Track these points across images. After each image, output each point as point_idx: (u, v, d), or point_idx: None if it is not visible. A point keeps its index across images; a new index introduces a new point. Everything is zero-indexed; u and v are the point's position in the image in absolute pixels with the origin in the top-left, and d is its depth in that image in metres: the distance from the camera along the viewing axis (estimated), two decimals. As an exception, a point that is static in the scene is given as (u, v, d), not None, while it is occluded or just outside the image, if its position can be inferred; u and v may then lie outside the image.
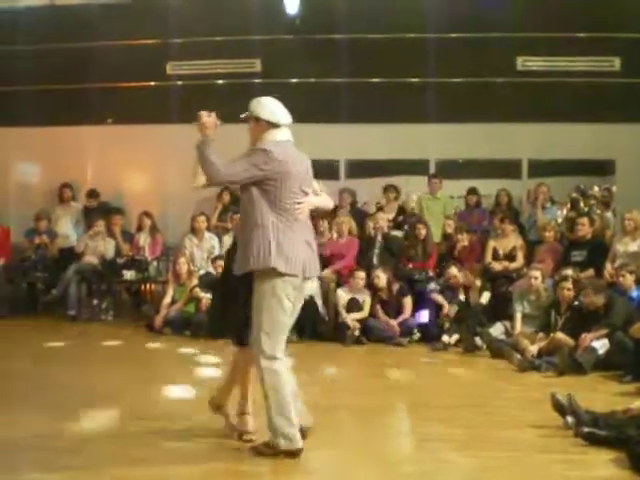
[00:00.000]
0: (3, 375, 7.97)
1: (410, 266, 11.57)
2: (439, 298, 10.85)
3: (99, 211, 13.40)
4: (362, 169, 13.43)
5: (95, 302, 12.57)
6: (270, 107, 5.90)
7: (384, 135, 13.23)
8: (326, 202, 6.11)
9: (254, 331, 5.29)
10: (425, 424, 6.39)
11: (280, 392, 5.27)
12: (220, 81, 13.86)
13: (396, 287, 10.90)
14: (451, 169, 13.31)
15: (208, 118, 5.85)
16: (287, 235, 5.34)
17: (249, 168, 5.49)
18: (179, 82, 13.95)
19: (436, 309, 10.83)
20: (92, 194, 13.69)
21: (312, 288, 10.92)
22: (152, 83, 13.98)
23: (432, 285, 11.13)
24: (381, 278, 10.84)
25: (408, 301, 10.80)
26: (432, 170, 13.33)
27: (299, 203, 5.45)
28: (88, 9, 14.01)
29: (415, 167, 13.33)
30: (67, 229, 13.58)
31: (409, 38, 13.14)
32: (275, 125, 5.82)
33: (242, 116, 5.98)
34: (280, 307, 5.28)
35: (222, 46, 13.67)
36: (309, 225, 5.61)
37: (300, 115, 13.07)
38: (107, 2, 13.95)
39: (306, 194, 5.57)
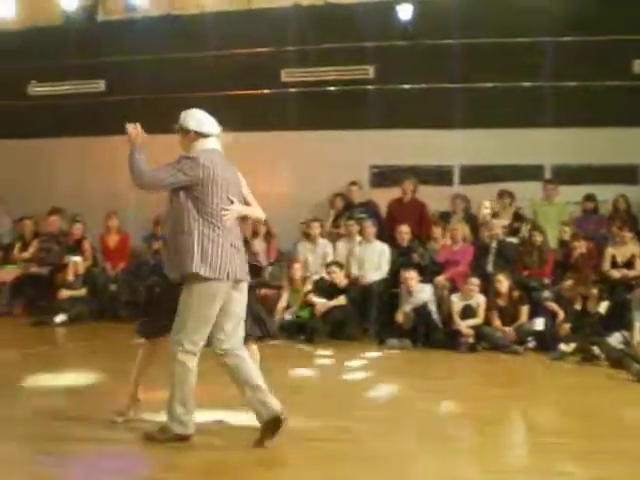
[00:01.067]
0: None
1: (526, 273, 11.44)
2: (554, 306, 10.71)
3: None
4: (476, 175, 13.29)
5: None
6: (198, 118, 6.19)
7: (498, 140, 13.08)
8: (256, 213, 6.27)
9: (177, 327, 5.57)
10: (540, 434, 6.30)
11: (187, 385, 5.59)
12: (333, 88, 13.93)
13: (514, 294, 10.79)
14: (566, 174, 13.07)
15: (133, 130, 5.98)
16: (213, 241, 5.58)
17: (175, 173, 5.67)
18: (293, 89, 14.08)
19: (551, 317, 10.71)
20: (207, 200, 13.91)
21: (426, 295, 10.95)
22: (266, 91, 14.13)
23: (546, 293, 10.99)
24: (503, 283, 10.72)
25: (525, 309, 10.64)
26: (547, 175, 13.13)
27: (225, 210, 5.66)
28: (203, 18, 14.26)
29: (529, 172, 13.13)
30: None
31: (522, 42, 12.96)
32: (203, 135, 6.02)
33: (174, 128, 6.19)
34: (202, 308, 5.56)
35: (335, 53, 13.75)
36: (236, 230, 5.81)
37: (413, 121, 13.26)
38: (222, 10, 14.18)
39: (232, 202, 5.74)
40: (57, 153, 15.05)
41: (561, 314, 10.53)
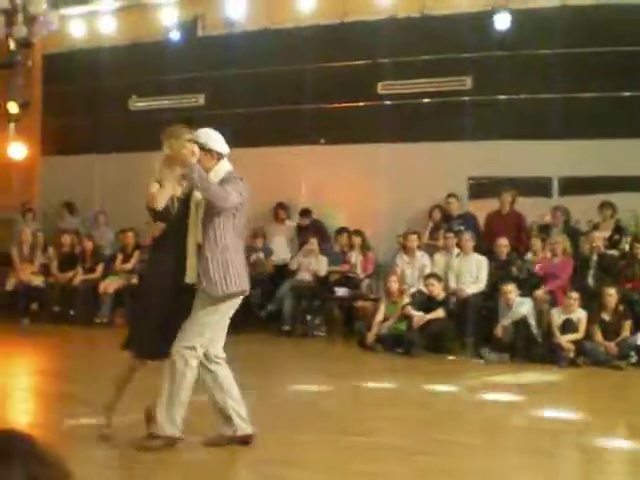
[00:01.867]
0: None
1: (628, 286, 11.24)
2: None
3: (312, 229, 13.76)
4: (575, 186, 13.10)
5: (309, 318, 12.88)
6: (217, 139, 6.22)
7: (598, 151, 12.88)
8: None
9: (193, 334, 5.81)
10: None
11: (190, 389, 5.88)
12: (430, 99, 13.91)
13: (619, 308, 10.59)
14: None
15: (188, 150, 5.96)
16: (240, 258, 6.05)
17: (237, 195, 5.87)
18: (389, 102, 14.11)
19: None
20: (305, 213, 14.06)
21: (525, 308, 10.83)
22: (363, 103, 14.18)
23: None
24: (613, 297, 10.50)
25: (629, 323, 10.41)
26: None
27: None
28: (300, 32, 14.38)
29: (631, 184, 12.88)
30: (281, 246, 14.05)
31: (623, 51, 12.74)
32: (222, 156, 6.12)
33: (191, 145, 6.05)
34: (223, 319, 5.96)
35: (432, 64, 13.72)
36: None
37: (511, 132, 13.16)
38: (318, 24, 14.28)
39: None
40: (156, 166, 15.30)
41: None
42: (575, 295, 10.64)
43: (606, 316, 10.48)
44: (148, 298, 6.09)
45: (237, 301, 6.03)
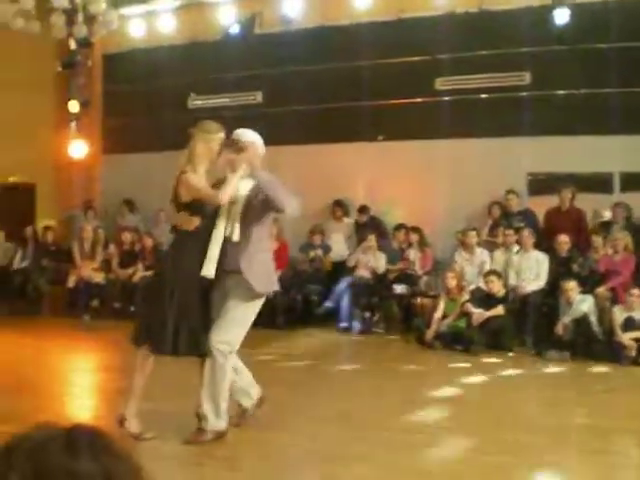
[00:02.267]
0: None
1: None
2: None
3: (370, 226, 13.75)
4: (637, 182, 12.91)
5: (367, 315, 12.87)
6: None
7: (660, 146, 12.71)
8: None
9: (227, 330, 5.91)
10: None
11: (228, 383, 6.03)
12: (488, 95, 13.81)
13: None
14: None
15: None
16: (271, 257, 6.34)
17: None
18: (447, 97, 14.03)
19: None
20: (363, 210, 14.05)
21: (586, 306, 10.70)
22: (421, 99, 14.13)
23: None
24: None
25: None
26: None
27: None
28: (357, 29, 14.39)
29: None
30: (340, 243, 14.06)
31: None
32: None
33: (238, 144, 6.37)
34: (253, 316, 6.07)
35: (490, 60, 13.62)
36: None
37: (571, 127, 12.99)
38: (375, 20, 14.26)
39: None
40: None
41: None
42: (637, 292, 10.48)
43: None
44: (165, 291, 6.04)
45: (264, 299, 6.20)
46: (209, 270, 5.94)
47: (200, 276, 5.93)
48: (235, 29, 14.85)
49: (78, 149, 15.24)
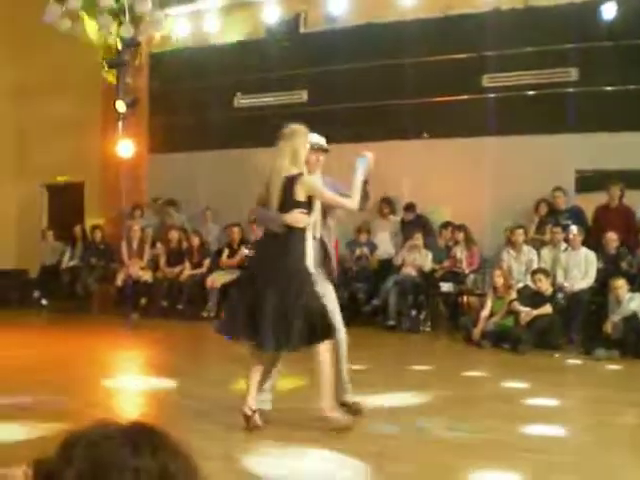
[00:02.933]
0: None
1: None
2: None
3: (416, 224, 13.71)
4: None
5: (414, 313, 12.84)
6: None
7: None
8: None
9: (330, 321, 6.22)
10: None
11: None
12: (535, 92, 13.70)
13: None
14: None
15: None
16: None
17: None
18: (494, 94, 13.94)
19: None
20: (409, 208, 14.01)
21: (635, 304, 10.58)
22: (468, 96, 14.05)
23: None
24: None
25: None
26: None
27: None
28: (403, 26, 14.34)
29: None
30: (386, 241, 14.05)
31: None
32: None
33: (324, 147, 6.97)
34: None
35: (537, 56, 13.51)
36: None
37: (619, 123, 12.86)
38: (422, 18, 14.21)
39: None
40: (263, 162, 15.47)
41: None
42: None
43: None
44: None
45: None
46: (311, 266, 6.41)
47: (310, 271, 6.34)
48: (274, 29, 14.92)
49: (125, 148, 15.31)
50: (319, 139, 6.95)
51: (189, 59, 16.03)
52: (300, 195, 6.24)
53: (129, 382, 8.86)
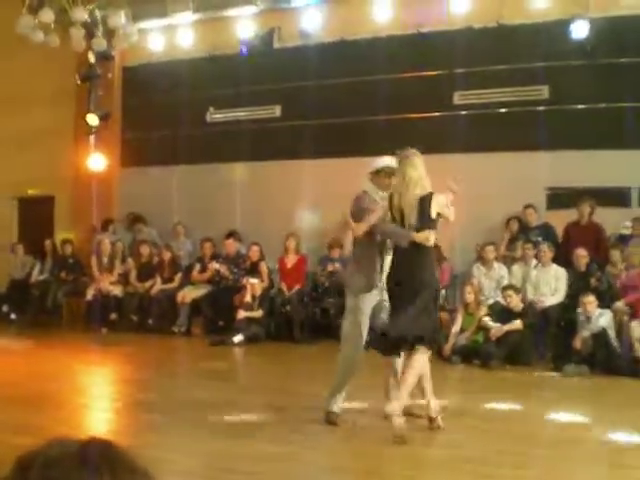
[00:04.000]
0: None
1: None
2: None
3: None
4: (656, 196, 12.87)
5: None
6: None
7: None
8: None
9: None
10: None
11: None
12: (506, 109, 13.79)
13: None
14: None
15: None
16: None
17: None
18: (465, 112, 14.01)
19: None
20: (381, 223, 14.00)
21: (604, 320, 10.65)
22: (439, 114, 14.12)
23: None
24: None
25: None
26: None
27: None
28: (376, 43, 14.41)
29: None
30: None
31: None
32: None
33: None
34: None
35: (509, 74, 13.61)
36: None
37: (589, 141, 12.96)
38: (394, 34, 14.28)
39: None
40: (235, 177, 15.53)
41: None
42: (656, 307, 10.45)
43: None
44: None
45: None
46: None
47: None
48: (248, 44, 14.95)
49: (97, 162, 15.30)
50: (390, 162, 7.38)
51: (162, 73, 16.01)
52: (434, 213, 6.80)
53: (98, 397, 8.80)
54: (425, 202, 6.81)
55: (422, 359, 6.64)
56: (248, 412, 7.56)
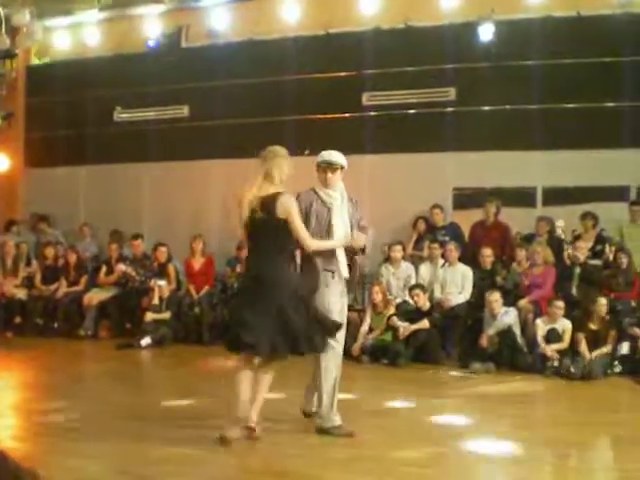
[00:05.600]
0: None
1: (612, 296, 11.22)
2: (636, 331, 10.44)
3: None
4: (559, 196, 13.12)
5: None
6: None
7: (581, 161, 12.91)
8: None
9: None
10: (630, 460, 6.11)
11: None
12: (414, 110, 13.92)
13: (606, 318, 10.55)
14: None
15: None
16: None
17: None
18: (374, 113, 14.11)
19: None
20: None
21: (510, 318, 10.82)
22: (348, 115, 14.17)
23: (627, 319, 10.71)
24: (604, 307, 10.47)
25: (614, 333, 10.39)
26: (633, 197, 12.89)
27: None
28: (284, 43, 14.41)
29: (615, 194, 12.91)
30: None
31: (603, 62, 12.82)
32: None
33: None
34: None
35: (417, 75, 13.74)
36: None
37: (495, 143, 13.17)
38: (302, 35, 14.31)
39: None
40: (142, 177, 15.37)
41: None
42: (560, 304, 10.63)
43: (593, 326, 10.43)
44: None
45: None
46: None
47: None
48: (156, 42, 14.81)
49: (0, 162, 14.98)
50: (325, 156, 7.04)
51: (68, 72, 15.75)
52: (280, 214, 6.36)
53: (1, 402, 8.59)
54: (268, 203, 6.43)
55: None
56: (156, 415, 7.46)
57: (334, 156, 6.99)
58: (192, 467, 5.72)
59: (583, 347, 10.25)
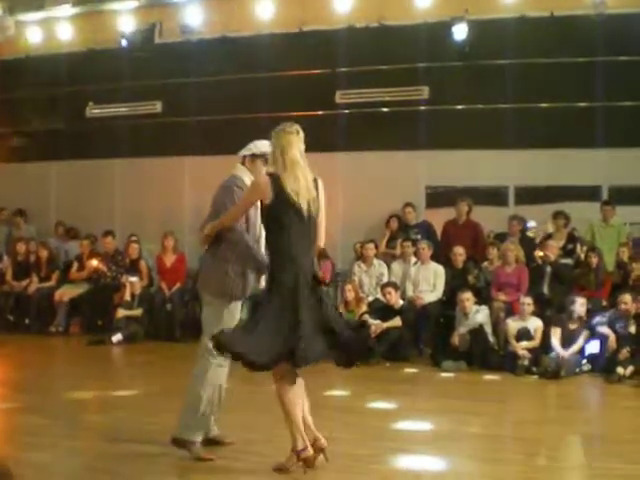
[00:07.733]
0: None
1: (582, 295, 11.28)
2: (605, 330, 10.51)
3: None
4: (531, 195, 13.21)
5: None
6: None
7: (553, 161, 13.00)
8: None
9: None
10: (600, 459, 6.16)
11: None
12: (388, 109, 13.95)
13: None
14: (624, 195, 12.93)
15: None
16: None
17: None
18: (347, 110, 14.12)
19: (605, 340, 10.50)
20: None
21: (481, 316, 10.87)
22: (321, 112, 14.17)
23: (597, 318, 10.76)
24: (584, 306, 10.57)
25: (585, 333, 10.45)
26: (604, 196, 12.99)
27: None
28: (258, 40, 14.39)
29: (586, 193, 13.00)
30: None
31: (576, 62, 12.91)
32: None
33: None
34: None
35: (390, 74, 13.77)
36: None
37: (468, 141, 13.23)
38: (276, 32, 14.30)
39: None
40: (114, 173, 15.31)
41: (612, 337, 10.31)
42: (528, 300, 10.69)
43: (572, 325, 10.46)
44: None
45: None
46: None
47: None
48: (129, 37, 14.74)
49: (-30, 157, 14.87)
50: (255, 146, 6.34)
51: (40, 67, 15.63)
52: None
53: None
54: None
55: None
56: (128, 412, 7.44)
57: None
58: (165, 465, 5.71)
59: (556, 345, 10.26)
